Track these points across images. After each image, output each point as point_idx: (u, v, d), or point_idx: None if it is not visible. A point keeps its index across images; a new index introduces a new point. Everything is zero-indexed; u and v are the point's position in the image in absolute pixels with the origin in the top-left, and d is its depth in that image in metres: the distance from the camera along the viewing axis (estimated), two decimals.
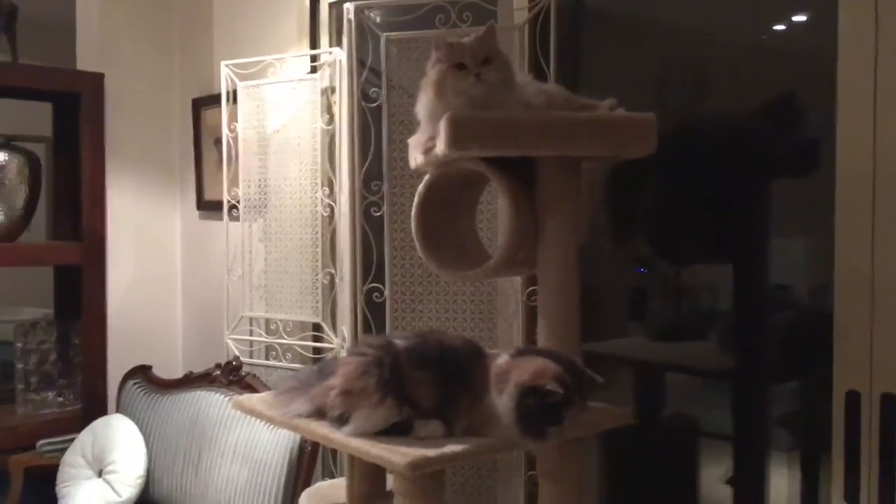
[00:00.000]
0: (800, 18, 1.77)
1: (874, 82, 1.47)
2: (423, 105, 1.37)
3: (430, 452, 1.14)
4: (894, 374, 1.45)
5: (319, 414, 1.30)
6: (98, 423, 2.59)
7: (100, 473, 2.49)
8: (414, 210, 1.48)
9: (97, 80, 2.87)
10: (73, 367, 2.89)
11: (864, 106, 1.48)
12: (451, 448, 1.17)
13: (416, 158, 1.45)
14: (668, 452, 2.01)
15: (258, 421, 1.98)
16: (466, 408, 1.23)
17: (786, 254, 1.80)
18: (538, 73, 1.89)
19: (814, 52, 1.69)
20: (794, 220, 1.77)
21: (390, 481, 1.42)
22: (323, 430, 1.26)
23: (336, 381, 1.26)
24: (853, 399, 1.49)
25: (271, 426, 1.97)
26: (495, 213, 1.97)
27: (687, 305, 2.03)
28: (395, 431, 1.22)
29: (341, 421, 1.24)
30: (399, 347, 1.26)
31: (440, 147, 1.29)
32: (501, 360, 1.23)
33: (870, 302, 1.48)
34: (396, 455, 1.14)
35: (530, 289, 1.90)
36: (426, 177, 1.47)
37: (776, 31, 1.81)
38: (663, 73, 1.97)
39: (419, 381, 1.23)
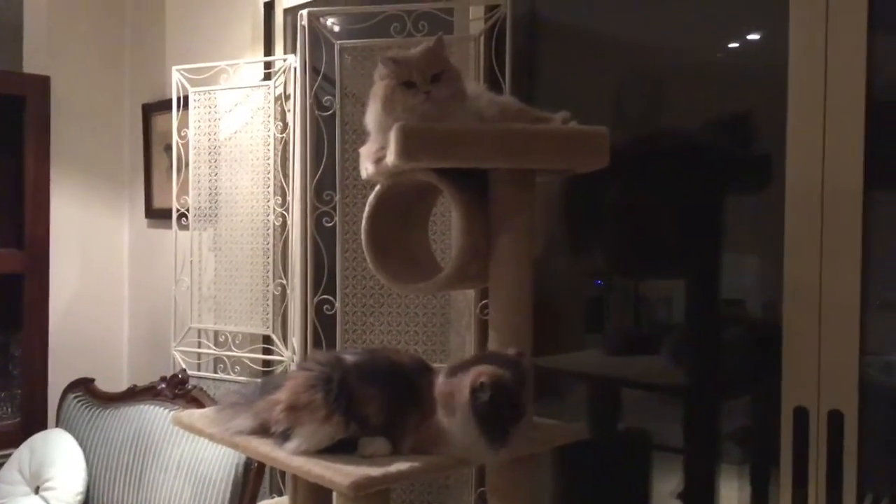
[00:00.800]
0: (753, 37, 1.79)
1: (823, 100, 1.49)
2: (372, 116, 1.34)
3: (374, 472, 1.11)
4: (841, 391, 1.46)
5: (263, 430, 1.26)
6: (36, 438, 2.51)
7: (37, 490, 2.40)
8: (364, 221, 1.45)
9: (43, 82, 2.79)
10: (11, 379, 2.79)
11: (813, 123, 1.50)
12: (397, 467, 1.14)
13: (367, 168, 1.42)
14: (620, 467, 2.00)
15: None
16: (414, 425, 1.20)
17: (738, 269, 1.81)
18: (493, 84, 1.87)
19: (766, 70, 1.70)
20: (746, 235, 1.79)
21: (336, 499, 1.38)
22: (265, 449, 1.22)
23: (282, 396, 1.22)
24: (801, 415, 1.50)
25: None
26: (448, 226, 1.95)
27: (640, 320, 2.03)
28: (340, 449, 1.18)
29: (285, 437, 1.20)
30: (348, 363, 1.23)
31: (391, 158, 1.26)
32: (440, 380, 1.20)
33: (817, 320, 1.49)
34: (339, 475, 1.10)
35: (483, 302, 1.88)
36: (377, 187, 1.44)
37: (730, 48, 1.82)
38: (618, 86, 1.97)
39: (367, 398, 1.20)
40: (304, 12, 2.06)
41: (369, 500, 1.12)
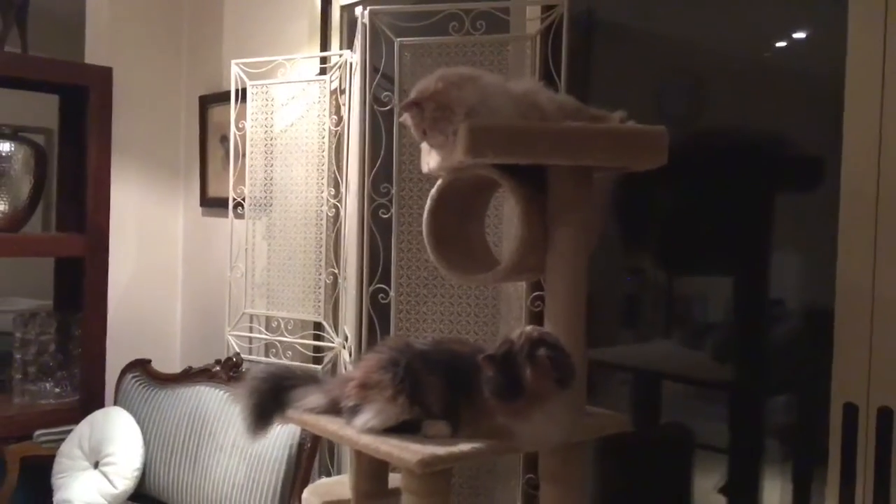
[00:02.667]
0: (808, 34, 1.80)
1: (881, 100, 1.50)
2: None
3: (440, 451, 1.17)
4: (892, 387, 1.48)
5: (333, 408, 1.32)
6: (96, 415, 2.60)
7: (96, 465, 2.50)
8: (426, 213, 1.49)
9: (105, 73, 2.88)
10: (71, 358, 2.90)
11: (870, 123, 1.51)
12: (461, 447, 1.19)
13: (428, 163, 1.48)
14: (663, 461, 2.04)
15: None
16: (469, 418, 1.25)
17: (788, 267, 1.83)
18: (549, 83, 1.91)
19: (820, 68, 1.72)
20: (796, 233, 1.80)
21: (392, 480, 1.44)
22: (333, 427, 1.28)
23: (356, 374, 1.30)
24: (850, 412, 1.52)
25: None
26: (500, 220, 2.00)
27: (686, 316, 2.05)
28: (403, 429, 1.24)
29: (354, 412, 1.26)
30: (416, 350, 1.30)
31: (457, 153, 1.32)
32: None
33: (869, 316, 1.51)
34: (406, 452, 1.16)
35: (534, 294, 1.92)
36: (439, 181, 1.49)
37: (784, 46, 1.84)
38: (671, 85, 1.99)
39: (429, 386, 1.26)
40: (366, 11, 2.11)
41: (434, 478, 1.18)
